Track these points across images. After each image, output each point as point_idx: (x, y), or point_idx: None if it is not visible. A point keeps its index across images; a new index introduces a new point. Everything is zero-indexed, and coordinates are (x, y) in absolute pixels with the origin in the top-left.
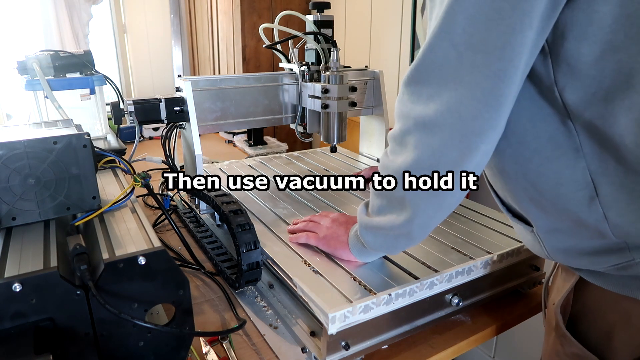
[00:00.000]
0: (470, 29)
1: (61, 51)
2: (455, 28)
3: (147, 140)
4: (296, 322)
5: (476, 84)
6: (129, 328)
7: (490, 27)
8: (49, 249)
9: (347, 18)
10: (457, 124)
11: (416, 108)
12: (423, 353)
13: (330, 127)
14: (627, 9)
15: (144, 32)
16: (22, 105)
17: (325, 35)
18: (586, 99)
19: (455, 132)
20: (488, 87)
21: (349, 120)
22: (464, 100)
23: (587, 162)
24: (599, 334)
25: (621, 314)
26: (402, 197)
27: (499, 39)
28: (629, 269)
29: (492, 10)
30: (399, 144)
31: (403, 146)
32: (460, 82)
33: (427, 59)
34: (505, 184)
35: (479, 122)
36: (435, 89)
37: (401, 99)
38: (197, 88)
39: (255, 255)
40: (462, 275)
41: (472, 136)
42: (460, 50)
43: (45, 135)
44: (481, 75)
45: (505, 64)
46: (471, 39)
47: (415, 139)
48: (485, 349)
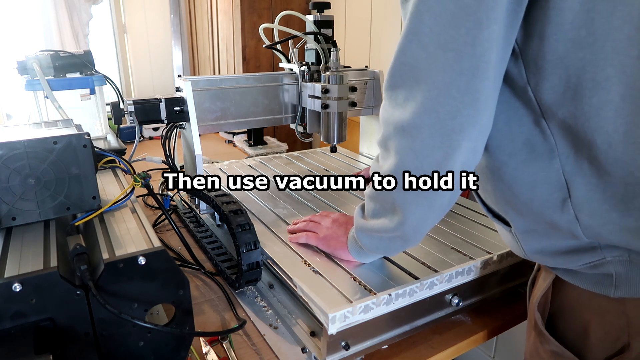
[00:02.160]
0: (437, 28)
1: (61, 51)
2: (422, 28)
3: (147, 140)
4: (296, 322)
5: (450, 83)
6: (129, 328)
7: (457, 25)
8: (49, 249)
9: (347, 18)
10: (436, 124)
11: (395, 113)
12: (423, 353)
13: (330, 127)
14: (586, 5)
15: (144, 32)
16: (22, 105)
17: (325, 35)
18: (557, 98)
19: (435, 132)
20: (463, 84)
21: (349, 120)
22: (440, 100)
23: (562, 163)
24: (576, 331)
25: (596, 311)
26: (392, 201)
27: (468, 35)
28: (601, 267)
29: (457, 7)
30: (384, 149)
31: (387, 151)
32: (433, 82)
33: (399, 61)
34: (484, 186)
35: (459, 120)
36: (410, 92)
37: (383, 105)
38: (197, 88)
39: (255, 255)
40: (462, 276)
41: (452, 134)
42: (429, 51)
43: (45, 135)
44: (454, 73)
45: (476, 59)
46: (439, 38)
47: (396, 143)
48: (485, 349)
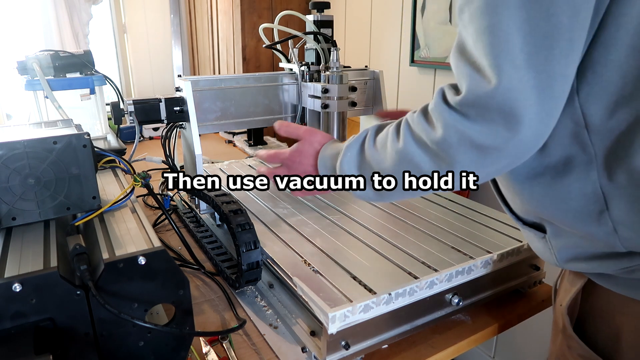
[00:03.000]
0: (528, 48)
1: (61, 51)
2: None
3: (147, 140)
4: (296, 322)
5: (541, 107)
6: (129, 328)
7: (550, 45)
8: (49, 249)
9: (347, 18)
10: (519, 146)
11: (472, 128)
12: (423, 353)
13: (330, 127)
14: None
15: (144, 32)
16: (22, 105)
17: (325, 35)
18: (607, 107)
19: (515, 155)
20: (553, 108)
21: (349, 120)
22: (537, 132)
23: (599, 175)
24: (607, 336)
25: (629, 316)
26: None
27: (561, 55)
28: (639, 272)
29: (550, 26)
30: (439, 149)
31: (446, 157)
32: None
33: (490, 83)
34: (513, 197)
35: (540, 141)
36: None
37: (452, 113)
38: (197, 88)
39: (255, 255)
40: (462, 275)
41: (527, 154)
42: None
43: (45, 135)
44: (546, 97)
45: (568, 82)
46: (530, 60)
47: (462, 155)
48: (485, 348)
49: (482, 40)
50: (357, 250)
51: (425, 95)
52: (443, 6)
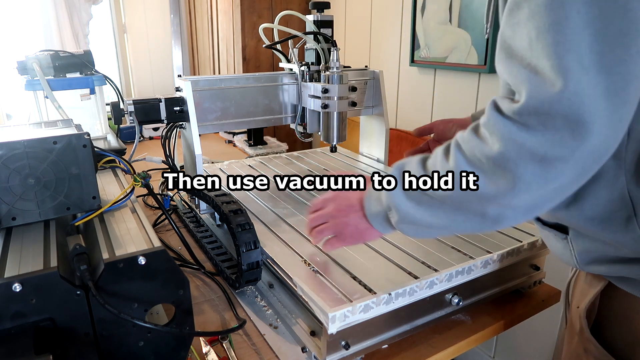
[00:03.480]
0: (598, 47)
1: (61, 51)
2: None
3: (147, 140)
4: (296, 322)
5: (614, 111)
6: (129, 328)
7: (626, 43)
8: (49, 249)
9: (347, 18)
10: (587, 156)
11: (533, 139)
12: (423, 353)
13: (330, 127)
14: None
15: (144, 32)
16: (22, 105)
17: (325, 35)
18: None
19: (583, 167)
20: (625, 114)
21: (349, 120)
22: (607, 140)
23: (627, 181)
24: (626, 341)
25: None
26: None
27: (638, 55)
28: None
29: (626, 21)
30: (496, 166)
31: (504, 171)
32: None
33: (554, 86)
34: None
35: (609, 150)
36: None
37: (508, 123)
38: (197, 88)
39: (255, 255)
40: (462, 275)
41: (596, 165)
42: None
43: (45, 135)
44: (619, 100)
45: None
46: (602, 60)
47: (523, 169)
48: (485, 348)
49: (544, 38)
50: (357, 250)
51: (426, 95)
52: (443, 6)
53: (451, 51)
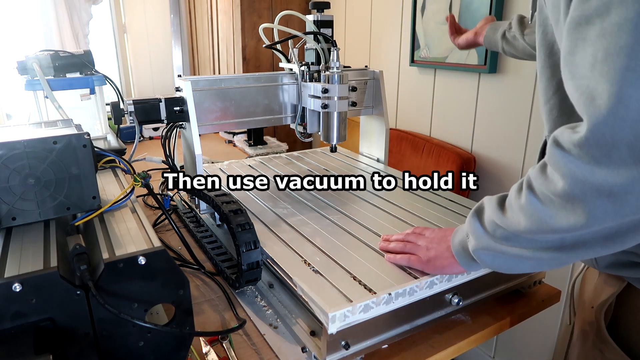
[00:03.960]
0: None
1: (61, 51)
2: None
3: (147, 140)
4: (296, 322)
5: None
6: (129, 328)
7: None
8: (49, 249)
9: (347, 18)
10: None
11: (598, 172)
12: (423, 352)
13: (330, 127)
14: None
15: (144, 32)
16: (22, 105)
17: (325, 35)
18: None
19: None
20: None
21: (349, 120)
22: None
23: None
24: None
25: None
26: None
27: None
28: None
29: None
30: (565, 202)
31: (573, 208)
32: None
33: (618, 114)
34: None
35: None
36: (628, 151)
37: (570, 159)
38: (197, 88)
39: (255, 255)
40: (462, 275)
41: None
42: None
43: (45, 135)
44: None
45: None
46: None
47: (593, 206)
48: (485, 348)
49: (612, 62)
50: (357, 250)
51: (426, 95)
52: (443, 6)
53: (451, 51)
